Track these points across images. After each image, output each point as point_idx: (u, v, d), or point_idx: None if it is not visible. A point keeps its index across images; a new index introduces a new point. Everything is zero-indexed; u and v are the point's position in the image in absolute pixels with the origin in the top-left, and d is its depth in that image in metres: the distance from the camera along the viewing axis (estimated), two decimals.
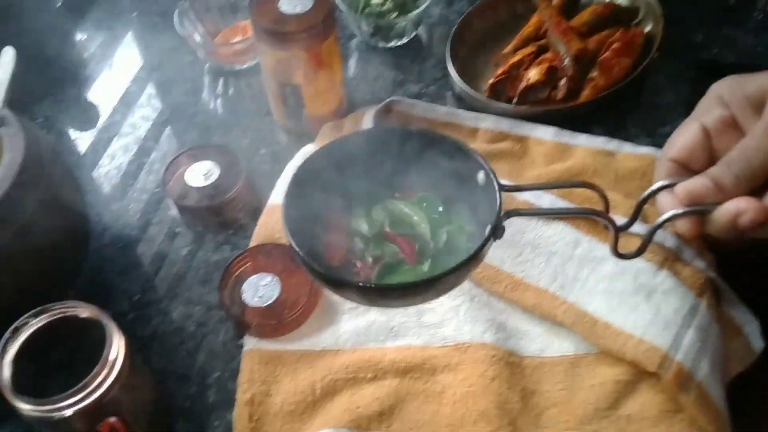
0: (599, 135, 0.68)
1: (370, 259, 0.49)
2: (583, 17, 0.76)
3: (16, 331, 0.46)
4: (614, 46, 0.71)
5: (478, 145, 0.69)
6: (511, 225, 0.60)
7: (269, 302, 0.57)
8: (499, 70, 0.72)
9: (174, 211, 0.67)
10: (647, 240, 0.44)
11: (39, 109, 0.77)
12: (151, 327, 0.59)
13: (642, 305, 0.55)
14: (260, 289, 0.58)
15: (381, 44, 0.80)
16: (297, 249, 0.44)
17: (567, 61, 0.71)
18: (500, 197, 0.45)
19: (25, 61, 0.80)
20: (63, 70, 0.83)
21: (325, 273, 0.45)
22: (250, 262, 0.60)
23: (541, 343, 0.56)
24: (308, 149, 0.68)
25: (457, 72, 0.73)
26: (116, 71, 0.82)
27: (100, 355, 0.44)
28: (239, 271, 0.60)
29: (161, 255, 0.64)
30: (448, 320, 0.56)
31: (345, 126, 0.70)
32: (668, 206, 0.43)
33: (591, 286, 0.57)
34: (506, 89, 0.72)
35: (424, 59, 0.79)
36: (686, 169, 0.43)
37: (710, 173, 0.40)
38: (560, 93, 0.71)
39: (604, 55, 0.71)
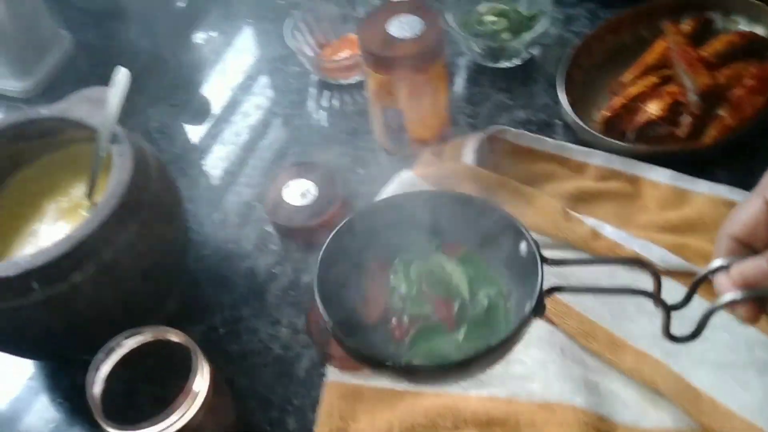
0: (723, 182, 0.62)
1: (406, 319, 0.46)
2: (714, 46, 0.70)
3: (110, 351, 0.47)
4: (748, 82, 0.65)
5: (585, 182, 0.65)
6: (615, 279, 0.57)
7: None
8: (616, 102, 0.68)
9: (269, 227, 0.68)
10: (702, 324, 0.40)
11: (154, 113, 0.80)
12: (240, 345, 0.60)
13: (754, 382, 0.50)
14: None
15: (491, 64, 0.77)
16: (327, 319, 0.42)
17: (693, 97, 0.65)
18: (542, 272, 0.42)
19: (143, 63, 0.84)
20: (178, 74, 0.85)
21: (353, 347, 0.43)
22: None
23: (637, 411, 0.52)
24: (405, 176, 0.66)
25: (570, 99, 0.69)
26: (225, 77, 0.83)
27: (187, 378, 0.46)
28: None
29: (254, 271, 0.65)
30: (536, 374, 0.54)
31: (446, 152, 0.68)
32: (725, 288, 0.39)
33: (698, 355, 0.52)
34: (622, 122, 0.68)
35: (535, 82, 0.75)
36: (749, 248, 0.39)
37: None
38: (682, 131, 0.65)
39: (736, 92, 0.65)
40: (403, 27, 0.62)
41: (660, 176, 0.64)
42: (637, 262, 0.44)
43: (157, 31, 0.87)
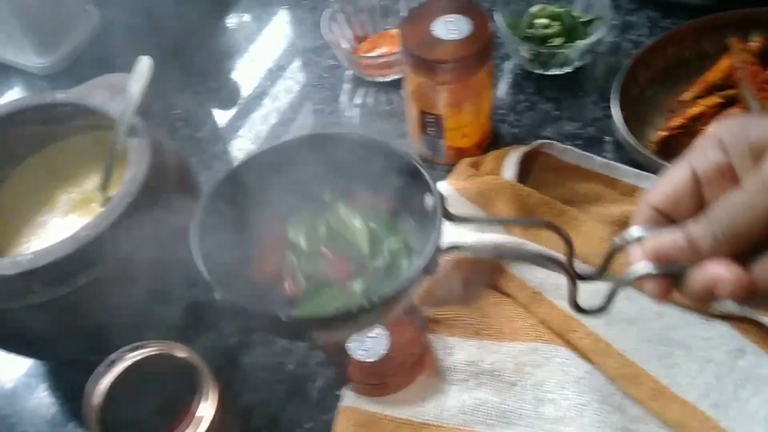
0: None
1: (301, 277, 0.43)
2: None
3: (111, 364, 0.44)
4: None
5: (631, 207, 0.60)
6: (663, 318, 0.52)
7: (375, 359, 0.52)
8: (674, 122, 0.62)
9: None
10: (610, 297, 0.37)
11: (180, 100, 0.76)
12: (252, 357, 0.57)
13: None
14: (367, 342, 0.53)
15: (539, 70, 0.71)
16: (201, 269, 0.38)
17: None
18: (439, 226, 0.39)
19: (171, 45, 0.80)
20: (207, 58, 0.81)
21: (226, 299, 0.38)
22: None
23: None
24: (440, 188, 0.61)
25: (624, 115, 0.64)
26: (256, 67, 0.79)
27: (192, 394, 0.42)
28: None
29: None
30: (570, 418, 0.49)
31: (485, 164, 0.63)
32: (637, 261, 0.35)
33: (752, 411, 0.47)
34: (679, 144, 0.62)
35: (586, 93, 0.70)
36: (669, 219, 0.35)
37: (687, 230, 0.33)
38: None
39: None
40: (449, 27, 0.58)
41: None
42: (551, 226, 0.40)
43: (188, 12, 0.83)
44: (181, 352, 0.45)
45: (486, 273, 0.57)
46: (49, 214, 0.55)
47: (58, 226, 0.54)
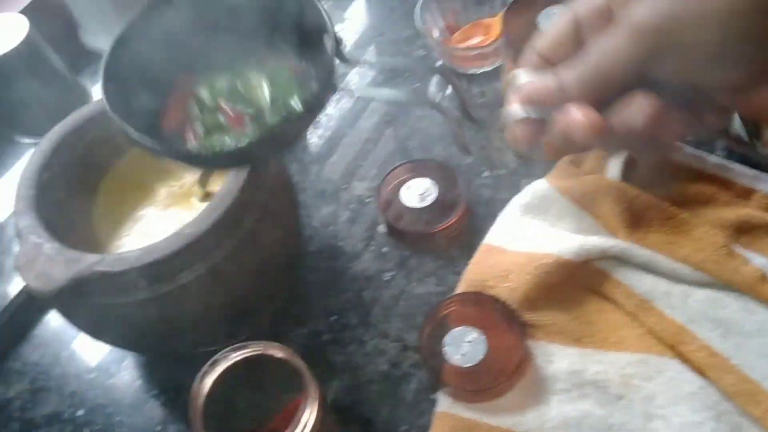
0: None
1: (199, 126, 0.46)
2: None
3: (215, 364, 0.44)
4: None
5: (751, 211, 0.56)
6: None
7: (472, 364, 0.51)
8: None
9: (383, 228, 0.63)
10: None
11: None
12: (344, 355, 0.56)
13: None
14: (464, 346, 0.52)
15: None
16: (109, 110, 0.41)
17: None
18: (332, 62, 0.41)
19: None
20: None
21: (125, 128, 0.41)
22: (456, 308, 0.54)
23: None
24: (540, 187, 0.59)
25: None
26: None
27: (290, 393, 0.42)
28: (443, 317, 0.54)
29: (364, 275, 0.60)
30: None
31: (587, 162, 0.60)
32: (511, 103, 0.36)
33: None
34: None
35: None
36: (552, 64, 0.34)
37: (558, 73, 0.33)
38: None
39: None
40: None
41: None
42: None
43: None
44: (281, 353, 0.44)
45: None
46: (150, 207, 0.55)
47: (158, 220, 0.54)
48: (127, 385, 0.57)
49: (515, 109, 0.35)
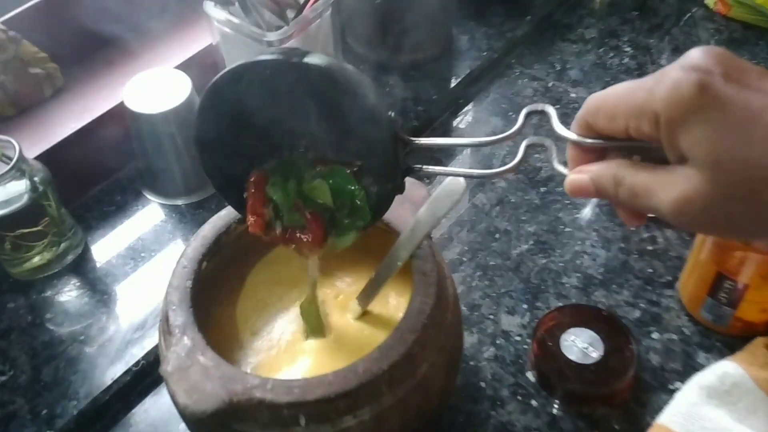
0: None
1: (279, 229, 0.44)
2: None
3: None
4: None
5: None
6: None
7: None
8: None
9: (533, 376, 0.56)
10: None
11: None
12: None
13: None
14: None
15: None
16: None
17: None
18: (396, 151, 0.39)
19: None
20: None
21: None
22: None
23: None
24: (728, 368, 0.52)
25: None
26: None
27: None
28: None
29: (508, 429, 0.53)
30: None
31: None
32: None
33: None
34: None
35: None
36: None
37: (597, 176, 0.33)
38: None
39: None
40: None
41: None
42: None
43: (429, 93, 0.79)
44: None
45: None
46: (296, 308, 0.49)
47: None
48: None
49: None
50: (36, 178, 0.57)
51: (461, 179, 0.41)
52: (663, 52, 0.84)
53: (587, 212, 0.68)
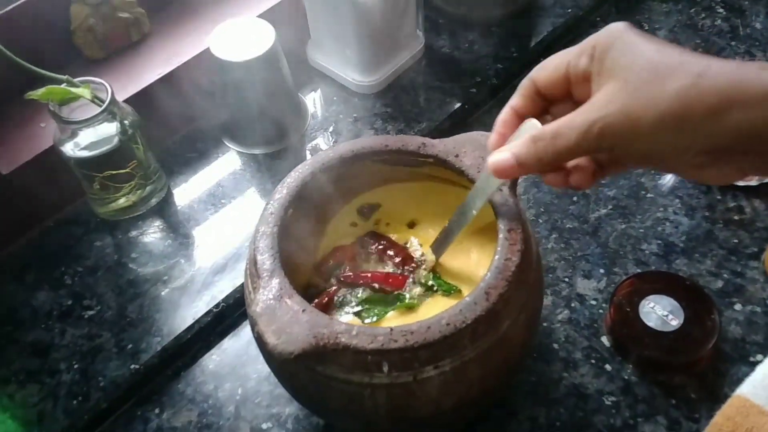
0: None
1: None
2: None
3: None
4: None
5: None
6: None
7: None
8: None
9: (608, 341, 0.55)
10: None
11: None
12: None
13: None
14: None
15: None
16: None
17: None
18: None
19: (485, 85, 0.74)
20: None
21: None
22: None
23: None
24: None
25: None
26: None
27: None
28: None
29: (579, 391, 0.53)
30: None
31: None
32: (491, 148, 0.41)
33: None
34: None
35: None
36: (542, 96, 0.40)
37: (515, 150, 0.38)
38: None
39: None
40: None
41: None
42: None
43: (509, 51, 0.77)
44: None
45: None
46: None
47: None
48: None
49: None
50: (126, 121, 0.58)
51: (535, 120, 0.40)
52: (758, 15, 0.80)
53: (670, 178, 0.66)
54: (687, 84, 0.31)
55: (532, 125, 0.39)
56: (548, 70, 0.38)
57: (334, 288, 0.49)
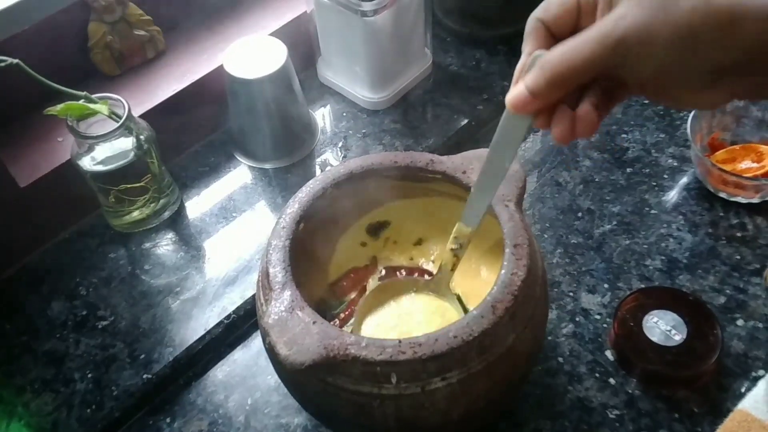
0: None
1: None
2: None
3: None
4: None
5: None
6: None
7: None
8: None
9: (611, 355, 0.56)
10: None
11: None
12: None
13: None
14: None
15: None
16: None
17: None
18: None
19: (492, 103, 0.75)
20: None
21: None
22: None
23: None
24: None
25: None
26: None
27: None
28: None
29: (584, 404, 0.54)
30: None
31: None
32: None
33: None
34: None
35: None
36: (550, 32, 0.38)
37: (526, 80, 0.36)
38: None
39: None
40: None
41: None
42: None
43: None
44: None
45: None
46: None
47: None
48: None
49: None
50: (142, 137, 0.60)
51: (542, 50, 0.39)
52: None
53: (674, 195, 0.67)
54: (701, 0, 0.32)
55: (538, 54, 0.37)
56: (554, 3, 0.37)
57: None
